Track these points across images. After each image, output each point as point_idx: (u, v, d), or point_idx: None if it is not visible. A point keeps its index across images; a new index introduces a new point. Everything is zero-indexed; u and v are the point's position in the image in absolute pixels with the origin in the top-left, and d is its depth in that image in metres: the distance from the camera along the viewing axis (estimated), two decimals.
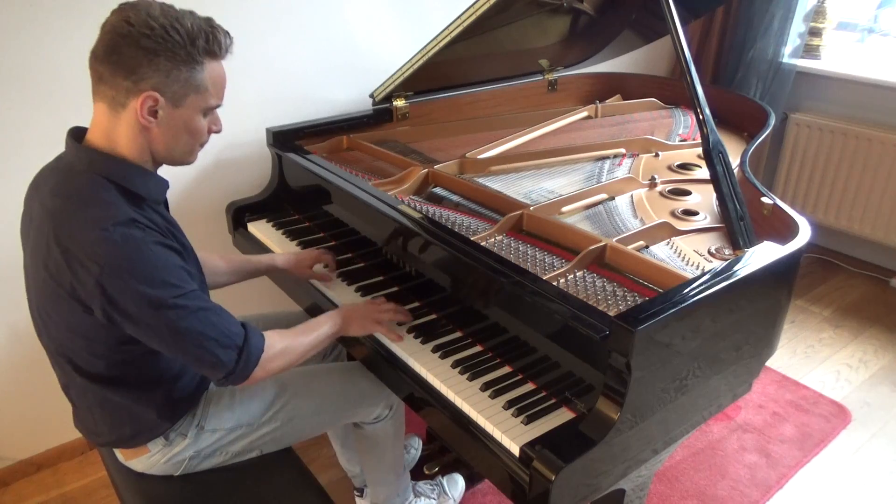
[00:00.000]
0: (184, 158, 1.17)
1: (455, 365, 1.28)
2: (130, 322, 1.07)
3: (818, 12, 2.96)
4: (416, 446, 2.03)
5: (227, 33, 1.11)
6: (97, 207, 1.05)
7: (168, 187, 1.20)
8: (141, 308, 1.04)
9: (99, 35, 1.05)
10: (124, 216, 1.05)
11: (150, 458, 1.30)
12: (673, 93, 2.45)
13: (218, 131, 1.19)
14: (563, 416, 1.14)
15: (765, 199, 1.48)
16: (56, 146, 1.88)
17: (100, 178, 1.08)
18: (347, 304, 1.44)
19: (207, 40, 1.06)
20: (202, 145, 1.18)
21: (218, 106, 1.15)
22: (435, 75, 1.99)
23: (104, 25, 1.05)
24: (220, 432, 1.33)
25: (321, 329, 1.31)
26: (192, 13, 1.07)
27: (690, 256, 1.37)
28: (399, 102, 2.06)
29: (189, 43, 1.04)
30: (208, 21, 1.08)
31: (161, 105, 1.06)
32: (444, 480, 1.89)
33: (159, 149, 1.13)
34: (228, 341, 1.12)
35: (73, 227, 1.04)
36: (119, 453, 1.34)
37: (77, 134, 1.14)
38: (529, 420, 1.13)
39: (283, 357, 1.23)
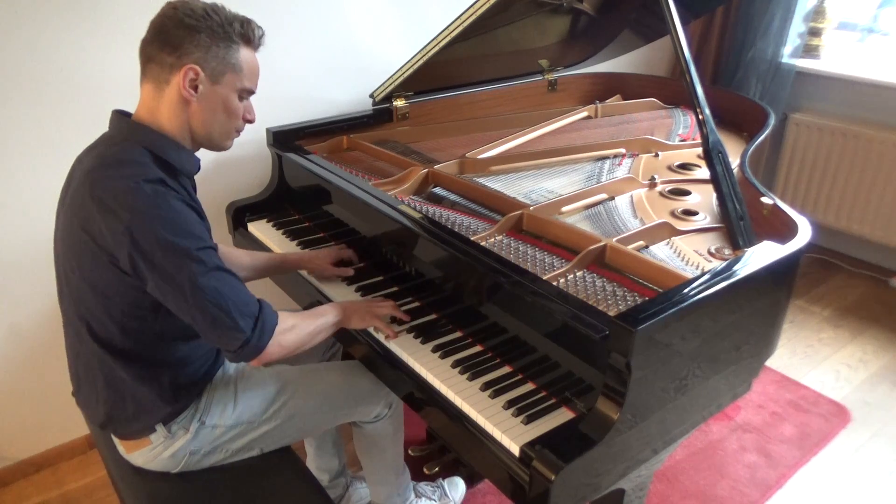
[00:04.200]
0: (221, 141, 1.25)
1: (455, 365, 1.28)
2: (154, 272, 1.10)
3: (818, 12, 2.96)
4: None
5: (260, 27, 1.22)
6: (131, 166, 1.13)
7: (199, 165, 1.27)
8: (166, 255, 1.09)
9: (148, 26, 1.17)
10: (154, 175, 1.13)
11: (152, 451, 1.30)
12: (673, 93, 2.44)
13: (252, 120, 1.27)
14: (563, 415, 1.14)
15: (765, 199, 1.48)
16: (55, 148, 1.87)
17: (137, 146, 1.16)
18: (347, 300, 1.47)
19: (242, 25, 1.19)
20: (238, 132, 1.26)
21: (252, 92, 1.24)
22: (435, 75, 1.99)
23: (153, 18, 1.16)
24: (221, 429, 1.34)
25: (326, 317, 1.34)
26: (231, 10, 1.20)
27: (690, 256, 1.37)
28: (399, 102, 2.06)
29: (227, 23, 1.16)
30: (244, 16, 1.21)
31: (201, 79, 1.16)
32: (445, 483, 1.89)
33: (197, 125, 1.20)
34: (245, 308, 1.15)
35: (106, 181, 1.11)
36: (120, 445, 1.34)
37: (121, 114, 1.23)
38: (529, 420, 1.13)
39: (294, 333, 1.25)
